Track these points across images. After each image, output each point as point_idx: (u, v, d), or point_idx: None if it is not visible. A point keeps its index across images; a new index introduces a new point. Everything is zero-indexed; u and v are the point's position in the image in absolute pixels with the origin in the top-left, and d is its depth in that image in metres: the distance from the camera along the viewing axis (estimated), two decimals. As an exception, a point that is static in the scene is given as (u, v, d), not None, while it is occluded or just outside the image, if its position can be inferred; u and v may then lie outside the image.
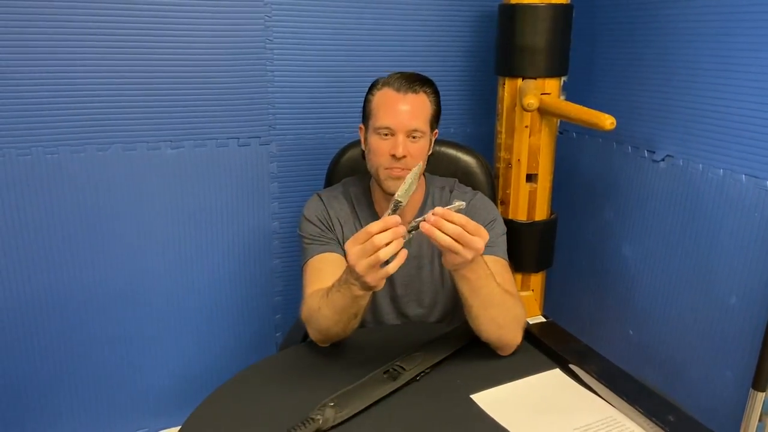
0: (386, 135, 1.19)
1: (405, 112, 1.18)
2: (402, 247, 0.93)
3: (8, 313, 1.61)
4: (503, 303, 1.08)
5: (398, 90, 1.19)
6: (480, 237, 0.95)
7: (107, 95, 1.56)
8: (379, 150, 1.20)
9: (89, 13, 1.50)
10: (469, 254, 0.95)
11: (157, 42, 1.57)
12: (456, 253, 0.94)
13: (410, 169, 1.20)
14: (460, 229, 0.92)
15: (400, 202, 0.95)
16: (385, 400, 0.98)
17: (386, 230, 0.91)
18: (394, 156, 1.18)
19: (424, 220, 0.93)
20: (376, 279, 0.94)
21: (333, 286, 1.05)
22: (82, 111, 1.55)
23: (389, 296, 1.33)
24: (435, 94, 1.24)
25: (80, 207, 1.61)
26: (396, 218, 0.92)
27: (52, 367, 1.69)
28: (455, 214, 0.93)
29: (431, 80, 1.25)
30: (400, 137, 1.18)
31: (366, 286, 0.96)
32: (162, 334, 1.79)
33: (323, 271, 1.20)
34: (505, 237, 1.30)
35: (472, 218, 1.28)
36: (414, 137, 1.19)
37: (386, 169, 1.20)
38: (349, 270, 0.96)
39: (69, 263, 1.63)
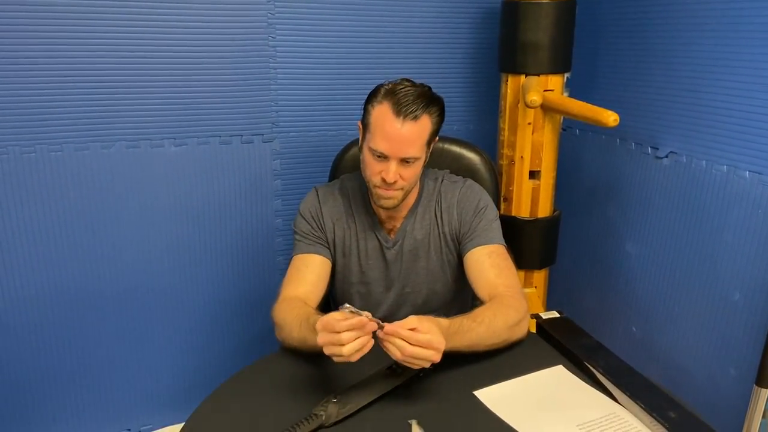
0: (380, 157, 1.16)
1: (400, 140, 1.14)
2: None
3: (12, 310, 1.61)
4: (493, 329, 1.07)
5: (397, 114, 1.12)
6: (433, 350, 0.92)
7: (111, 93, 1.57)
8: (372, 169, 1.19)
9: (92, 11, 1.50)
10: (427, 363, 0.93)
11: (160, 40, 1.57)
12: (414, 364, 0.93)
13: (402, 189, 1.19)
14: (411, 349, 0.91)
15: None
16: (388, 396, 0.98)
17: (353, 330, 0.90)
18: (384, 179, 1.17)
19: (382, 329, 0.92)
20: (338, 360, 0.93)
21: (310, 318, 1.04)
22: (85, 109, 1.56)
23: (385, 289, 1.33)
24: (439, 113, 1.19)
25: (84, 204, 1.61)
26: (363, 321, 0.91)
27: (56, 363, 1.70)
28: (402, 331, 0.91)
29: (437, 98, 1.19)
30: (393, 164, 1.16)
31: None
32: (165, 330, 1.79)
33: (302, 272, 1.25)
34: (498, 222, 1.29)
35: (462, 208, 1.28)
36: (408, 162, 1.17)
37: (376, 187, 1.20)
38: None
39: (72, 260, 1.64)
